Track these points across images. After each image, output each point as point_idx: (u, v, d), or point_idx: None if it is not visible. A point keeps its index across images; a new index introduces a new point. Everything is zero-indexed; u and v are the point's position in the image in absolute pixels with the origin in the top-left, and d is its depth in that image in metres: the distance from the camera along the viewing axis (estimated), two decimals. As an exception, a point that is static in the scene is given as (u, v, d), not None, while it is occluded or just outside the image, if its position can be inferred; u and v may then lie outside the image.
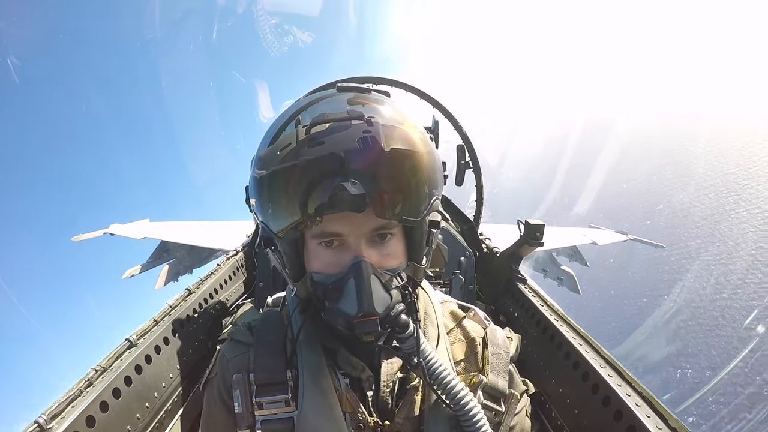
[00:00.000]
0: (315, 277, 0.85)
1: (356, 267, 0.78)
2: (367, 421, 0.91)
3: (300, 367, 0.90)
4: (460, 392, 0.83)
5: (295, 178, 0.76)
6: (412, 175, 0.80)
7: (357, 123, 0.77)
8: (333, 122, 0.77)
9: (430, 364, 0.84)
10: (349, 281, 0.79)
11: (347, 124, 0.77)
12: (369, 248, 0.82)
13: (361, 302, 0.76)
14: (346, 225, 0.80)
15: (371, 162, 0.75)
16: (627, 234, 8.93)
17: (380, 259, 0.83)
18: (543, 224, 1.79)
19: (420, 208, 0.82)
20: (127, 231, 8.19)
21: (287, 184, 0.77)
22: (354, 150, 0.74)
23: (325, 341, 0.95)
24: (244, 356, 0.95)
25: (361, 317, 0.77)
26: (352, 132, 0.76)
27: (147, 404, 1.27)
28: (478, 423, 0.81)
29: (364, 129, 0.76)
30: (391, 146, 0.76)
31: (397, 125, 0.81)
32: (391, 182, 0.78)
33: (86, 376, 1.09)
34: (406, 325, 0.83)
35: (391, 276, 0.83)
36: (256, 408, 0.88)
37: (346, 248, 0.82)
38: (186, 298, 1.68)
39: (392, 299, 0.82)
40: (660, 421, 0.96)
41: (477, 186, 2.47)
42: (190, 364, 1.54)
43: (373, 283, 0.78)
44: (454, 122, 2.40)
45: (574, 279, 6.86)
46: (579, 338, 1.35)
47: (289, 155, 0.77)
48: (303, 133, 0.77)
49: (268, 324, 0.98)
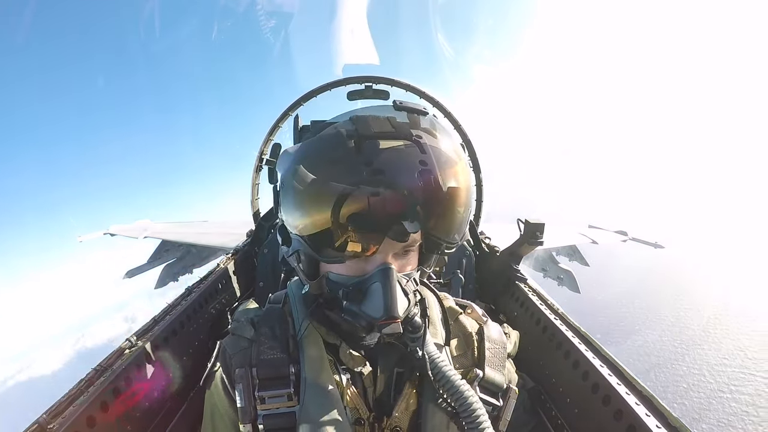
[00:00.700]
0: (332, 277, 0.86)
1: (384, 273, 0.80)
2: (368, 416, 0.93)
3: (302, 362, 0.92)
4: (461, 387, 0.85)
5: (347, 202, 0.75)
6: (461, 211, 0.84)
7: (408, 145, 0.79)
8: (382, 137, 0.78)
9: (432, 359, 0.88)
10: (373, 285, 0.81)
11: (398, 146, 0.78)
12: (393, 257, 0.85)
13: (387, 306, 0.79)
14: (383, 246, 0.81)
15: (429, 201, 0.78)
16: (626, 234, 8.94)
17: (399, 265, 0.85)
18: (543, 223, 1.79)
19: (460, 238, 0.88)
20: (127, 231, 8.20)
21: (336, 204, 0.76)
22: (415, 188, 0.76)
23: (327, 337, 0.97)
24: (247, 351, 0.95)
25: (384, 320, 0.79)
26: (407, 158, 0.77)
27: (147, 403, 1.27)
28: (477, 418, 0.83)
29: (420, 158, 0.77)
30: (447, 185, 0.79)
31: (450, 155, 0.83)
32: (443, 219, 0.82)
33: (87, 376, 1.10)
34: (419, 326, 0.86)
35: (408, 280, 0.86)
36: (258, 402, 0.89)
37: (371, 258, 0.83)
38: (186, 298, 1.68)
39: (410, 303, 0.85)
40: (660, 419, 0.96)
41: (477, 185, 2.47)
42: (191, 364, 1.54)
43: (397, 289, 0.80)
44: (453, 121, 2.41)
45: (574, 278, 6.87)
46: (578, 337, 1.35)
47: (343, 175, 0.76)
48: (352, 142, 0.77)
49: (270, 319, 0.99)
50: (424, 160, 0.77)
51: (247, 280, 2.26)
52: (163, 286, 6.83)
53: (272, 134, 2.46)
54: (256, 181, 2.63)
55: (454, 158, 0.84)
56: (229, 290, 2.06)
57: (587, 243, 7.99)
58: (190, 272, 7.08)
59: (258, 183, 2.65)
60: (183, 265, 7.10)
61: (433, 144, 0.82)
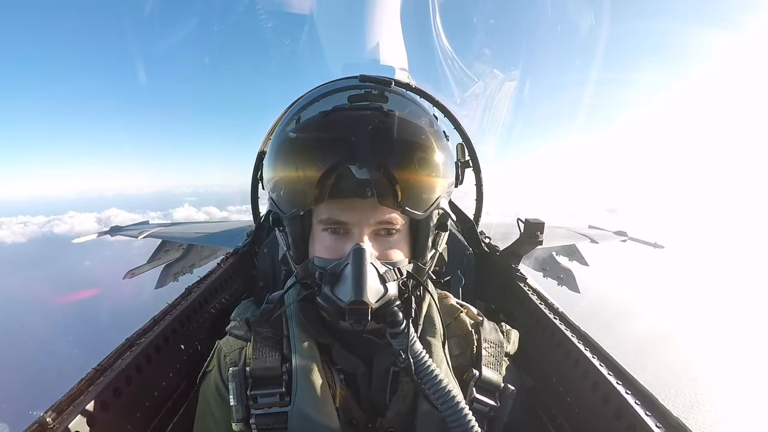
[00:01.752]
0: (316, 261, 0.86)
1: (355, 254, 0.79)
2: (360, 417, 0.92)
3: (295, 362, 0.91)
4: (447, 392, 0.81)
5: (303, 155, 0.79)
6: (420, 167, 0.80)
7: (373, 112, 0.80)
8: (351, 109, 0.81)
9: (418, 362, 0.84)
10: (346, 267, 0.80)
11: (364, 112, 0.80)
12: (372, 239, 0.83)
13: (354, 290, 0.76)
14: (352, 214, 0.81)
15: (380, 149, 0.77)
16: (626, 234, 8.93)
17: (382, 251, 0.84)
18: (543, 223, 1.79)
19: (424, 202, 0.83)
20: (127, 231, 8.19)
21: (296, 160, 0.80)
22: (365, 135, 0.76)
23: (321, 337, 0.96)
24: (241, 350, 0.96)
25: (352, 304, 0.77)
26: (367, 118, 0.78)
27: (147, 403, 1.27)
28: (464, 424, 0.79)
29: (379, 118, 0.78)
30: (402, 137, 0.78)
31: (412, 119, 0.83)
32: (398, 172, 0.78)
33: (87, 376, 1.10)
34: (399, 322, 0.82)
35: (390, 269, 0.83)
36: (251, 401, 0.89)
37: (349, 237, 0.83)
38: (186, 297, 1.68)
39: (387, 291, 0.82)
40: (660, 419, 0.96)
41: (477, 185, 2.47)
42: (191, 364, 1.54)
43: (369, 273, 0.78)
44: (453, 121, 2.40)
45: (574, 278, 6.85)
46: (578, 336, 1.35)
47: (304, 132, 0.81)
48: (321, 114, 0.80)
49: (265, 319, 0.99)
50: (382, 120, 0.79)
51: (247, 280, 2.26)
52: (163, 286, 6.81)
53: (272, 133, 2.46)
54: (256, 181, 2.63)
55: (413, 123, 0.84)
56: (229, 290, 2.06)
57: (587, 243, 7.99)
58: (190, 272, 7.07)
59: (258, 182, 2.64)
60: (183, 265, 7.09)
61: (401, 115, 0.83)
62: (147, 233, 7.65)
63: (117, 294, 39.41)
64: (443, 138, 0.89)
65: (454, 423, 0.79)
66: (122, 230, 8.35)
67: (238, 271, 2.21)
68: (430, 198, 0.83)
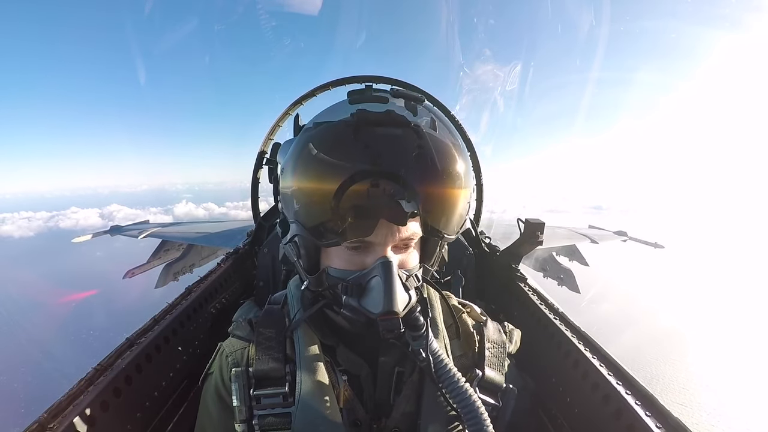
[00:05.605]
0: (332, 272, 0.85)
1: (384, 267, 0.79)
2: (364, 418, 0.92)
3: (299, 363, 0.91)
4: (465, 390, 0.83)
5: (343, 180, 0.74)
6: (458, 195, 0.83)
7: (406, 130, 0.79)
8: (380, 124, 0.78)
9: (437, 361, 0.86)
10: (373, 279, 0.80)
11: (396, 132, 0.78)
12: (392, 251, 0.83)
13: (386, 301, 0.77)
14: (379, 235, 0.79)
15: (426, 182, 0.77)
16: (626, 234, 8.93)
17: (401, 260, 0.84)
18: (543, 223, 1.79)
19: (458, 226, 0.87)
20: (127, 231, 8.20)
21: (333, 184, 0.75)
22: (411, 166, 0.76)
23: (325, 338, 0.96)
24: (244, 351, 0.96)
25: (384, 315, 0.78)
26: (405, 142, 0.78)
27: (148, 403, 1.27)
28: (481, 423, 0.81)
29: (417, 143, 0.78)
30: (443, 166, 0.79)
31: (442, 138, 0.83)
32: (441, 203, 0.81)
33: (87, 376, 1.09)
34: (420, 325, 0.84)
35: (409, 276, 0.85)
36: (253, 402, 0.89)
37: (371, 251, 0.82)
38: (186, 297, 1.68)
39: (411, 299, 0.84)
40: (660, 419, 0.96)
41: (477, 185, 2.47)
42: (191, 364, 1.54)
43: (397, 284, 0.79)
44: (453, 121, 2.41)
45: (574, 278, 6.86)
46: (578, 337, 1.35)
47: (338, 153, 0.77)
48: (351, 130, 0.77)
49: (268, 320, 0.98)
50: (420, 144, 0.78)
51: (247, 280, 2.26)
52: (163, 285, 6.82)
53: (272, 134, 2.46)
54: (256, 181, 2.63)
55: (450, 146, 0.83)
56: (229, 290, 2.06)
57: (587, 243, 7.99)
58: (190, 272, 7.07)
59: (258, 182, 2.64)
60: (183, 264, 7.09)
61: (431, 132, 0.82)
62: (147, 233, 7.66)
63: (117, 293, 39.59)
64: (466, 152, 0.90)
65: (470, 422, 0.82)
66: (122, 230, 8.36)
67: (238, 271, 2.21)
68: (460, 221, 0.88)
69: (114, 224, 8.79)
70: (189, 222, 9.62)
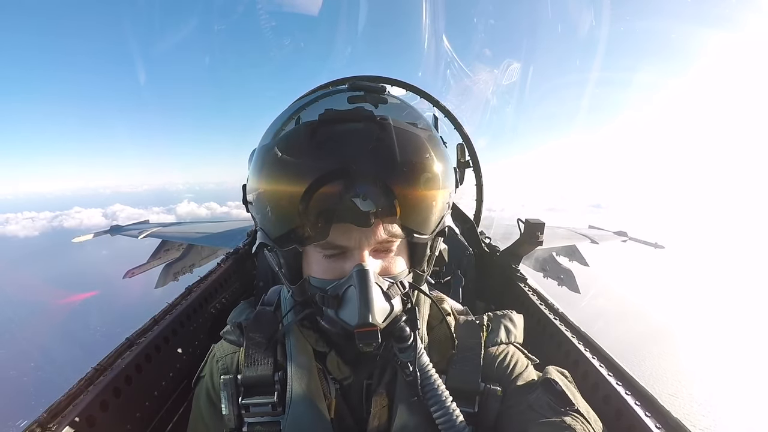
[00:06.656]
0: (313, 281, 0.81)
1: (358, 275, 0.73)
2: (354, 428, 0.88)
3: (289, 370, 0.88)
4: (451, 412, 0.79)
5: (298, 182, 0.69)
6: (427, 189, 0.74)
7: (367, 123, 0.72)
8: (342, 121, 0.72)
9: (425, 376, 0.81)
10: (349, 289, 0.74)
11: (357, 126, 0.72)
12: (372, 255, 0.77)
13: (361, 312, 0.71)
14: (352, 239, 0.74)
15: (384, 176, 0.69)
16: (626, 234, 8.93)
17: (383, 266, 0.79)
18: (543, 223, 1.79)
19: (431, 224, 0.78)
20: (127, 231, 8.20)
21: (289, 186, 0.71)
22: (366, 160, 0.69)
23: (317, 344, 0.92)
24: (234, 356, 0.93)
25: (360, 327, 0.72)
26: (363, 135, 0.71)
27: (147, 403, 1.27)
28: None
29: (377, 135, 0.71)
30: (405, 158, 0.71)
31: (410, 129, 0.76)
32: (404, 199, 0.72)
33: (87, 375, 1.09)
34: (406, 336, 0.80)
35: (392, 284, 0.79)
36: (243, 410, 0.86)
37: (348, 256, 0.76)
38: (186, 297, 1.68)
39: (393, 309, 0.78)
40: (659, 419, 0.96)
41: (477, 185, 2.47)
42: (191, 364, 1.54)
43: (375, 293, 0.73)
44: (453, 121, 2.41)
45: (574, 278, 6.85)
46: (578, 337, 1.35)
47: (294, 154, 0.71)
48: (309, 130, 0.72)
49: (259, 324, 0.94)
50: (380, 137, 0.71)
51: (247, 280, 2.26)
52: (163, 285, 6.82)
53: None
54: None
55: (418, 137, 0.76)
56: (229, 290, 2.06)
57: (587, 243, 7.98)
58: (190, 272, 7.07)
59: None
60: (183, 264, 7.09)
61: (397, 124, 0.75)
62: (147, 233, 7.65)
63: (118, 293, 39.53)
64: (442, 145, 0.82)
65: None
66: (122, 230, 8.35)
67: (237, 271, 2.21)
68: (435, 218, 0.79)
69: (115, 224, 8.79)
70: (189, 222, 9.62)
